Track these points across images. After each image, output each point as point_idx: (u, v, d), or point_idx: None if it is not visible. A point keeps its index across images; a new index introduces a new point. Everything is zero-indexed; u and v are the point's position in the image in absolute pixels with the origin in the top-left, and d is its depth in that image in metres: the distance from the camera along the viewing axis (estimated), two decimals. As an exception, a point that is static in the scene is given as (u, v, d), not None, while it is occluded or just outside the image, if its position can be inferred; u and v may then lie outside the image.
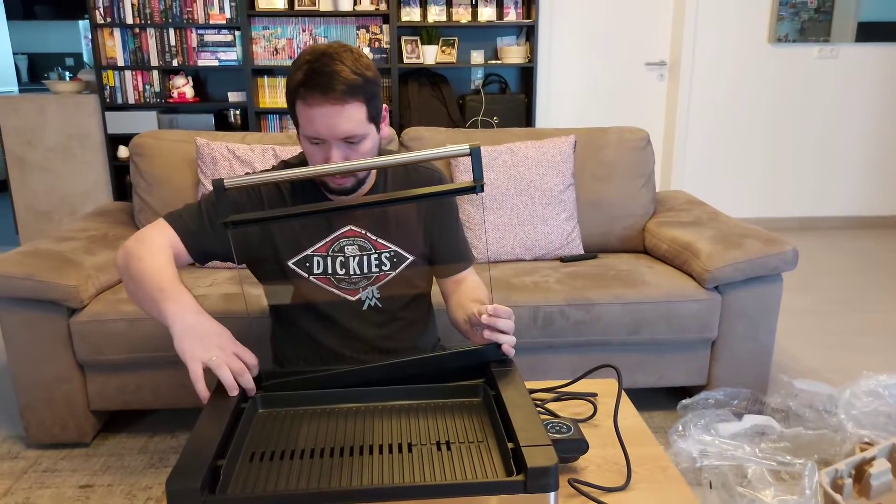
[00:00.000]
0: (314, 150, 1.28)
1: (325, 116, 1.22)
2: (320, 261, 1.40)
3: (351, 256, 1.40)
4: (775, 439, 1.93)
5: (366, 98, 1.24)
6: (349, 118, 1.22)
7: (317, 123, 1.23)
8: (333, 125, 1.22)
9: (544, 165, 2.36)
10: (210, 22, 3.85)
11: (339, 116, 1.22)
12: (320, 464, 1.01)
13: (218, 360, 1.10)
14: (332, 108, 1.21)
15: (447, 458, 1.02)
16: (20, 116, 3.87)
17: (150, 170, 2.34)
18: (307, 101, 1.22)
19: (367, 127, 1.26)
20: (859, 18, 4.33)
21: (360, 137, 1.25)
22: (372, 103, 1.26)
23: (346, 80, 1.20)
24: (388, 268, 1.42)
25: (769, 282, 2.10)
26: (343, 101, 1.21)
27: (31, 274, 1.86)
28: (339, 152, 1.25)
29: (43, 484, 1.91)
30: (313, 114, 1.22)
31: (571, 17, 4.30)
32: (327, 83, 1.20)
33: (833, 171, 4.59)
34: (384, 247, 1.42)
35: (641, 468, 1.10)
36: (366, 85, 1.23)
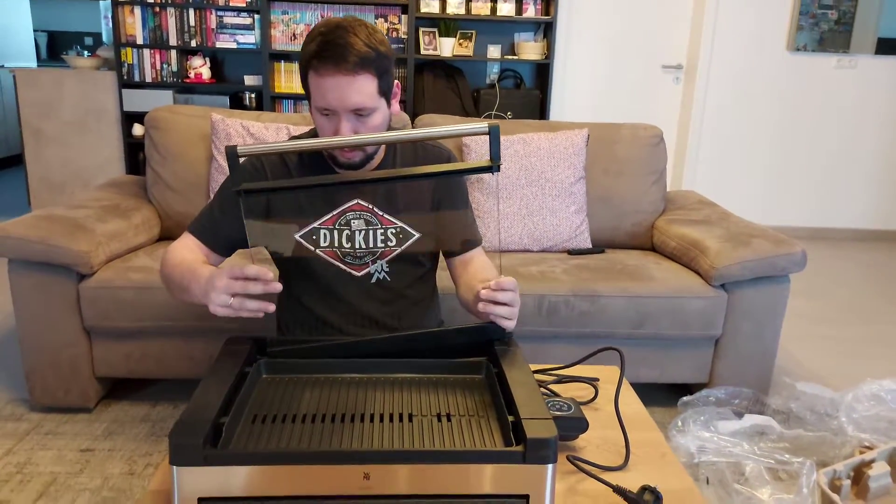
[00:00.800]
0: (324, 121, 1.29)
1: (336, 87, 1.23)
2: (327, 234, 1.41)
3: (357, 230, 1.41)
4: (775, 439, 1.92)
5: (377, 71, 1.24)
6: (360, 90, 1.23)
7: (328, 94, 1.24)
8: (344, 96, 1.23)
9: (556, 157, 2.37)
10: (230, 4, 3.86)
11: (350, 88, 1.23)
12: (321, 428, 1.02)
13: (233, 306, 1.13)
14: (343, 79, 1.22)
15: (447, 429, 1.02)
16: (38, 89, 3.90)
17: (165, 143, 2.36)
18: (319, 71, 1.23)
19: (377, 100, 1.27)
20: (879, 34, 4.30)
21: (370, 110, 1.26)
22: (383, 77, 1.26)
23: (358, 52, 1.21)
24: (393, 244, 1.43)
25: (776, 282, 2.10)
26: (354, 72, 1.22)
27: (43, 237, 1.88)
28: (348, 124, 1.26)
29: (45, 446, 1.93)
30: (325, 84, 1.23)
31: (590, 15, 4.30)
32: (340, 54, 1.21)
33: (846, 182, 4.57)
34: (390, 222, 1.42)
35: (640, 451, 1.10)
36: (378, 58, 1.24)
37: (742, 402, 2.10)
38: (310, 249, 1.41)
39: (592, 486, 1.00)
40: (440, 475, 0.89)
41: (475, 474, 0.90)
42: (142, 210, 2.30)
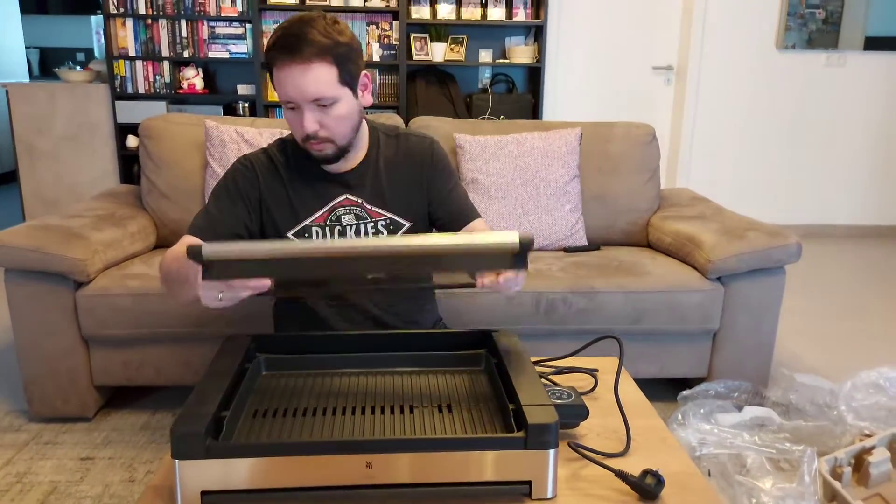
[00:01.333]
0: (291, 115, 1.30)
1: (292, 78, 1.24)
2: (318, 231, 1.41)
3: (348, 225, 1.42)
4: (775, 430, 1.92)
5: (336, 60, 1.25)
6: (316, 79, 1.24)
7: (286, 85, 1.25)
8: (301, 86, 1.24)
9: (550, 156, 2.38)
10: (222, 14, 3.88)
11: (305, 77, 1.23)
12: (322, 421, 1.02)
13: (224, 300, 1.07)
14: (298, 69, 1.23)
15: (448, 419, 1.03)
16: (31, 104, 3.90)
17: (159, 152, 2.36)
18: (277, 63, 1.24)
19: (338, 90, 1.27)
20: (867, 32, 4.34)
21: (330, 100, 1.26)
22: (344, 66, 1.26)
23: (312, 41, 1.22)
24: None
25: (772, 274, 2.11)
26: (309, 61, 1.22)
27: (39, 246, 1.88)
28: (311, 115, 1.27)
29: (44, 455, 1.92)
30: (282, 76, 1.24)
31: (580, 18, 4.33)
32: (294, 45, 1.22)
33: (838, 178, 4.60)
34: (380, 215, 1.43)
35: (641, 437, 1.11)
36: (335, 47, 1.24)
37: (741, 395, 2.11)
38: None
39: (594, 471, 1.00)
40: (443, 463, 0.90)
41: (477, 461, 0.90)
42: (137, 219, 2.30)
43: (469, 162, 2.39)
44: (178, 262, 1.24)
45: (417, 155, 1.46)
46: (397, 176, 1.45)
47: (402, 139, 1.47)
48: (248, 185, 1.39)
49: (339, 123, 1.30)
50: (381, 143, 1.46)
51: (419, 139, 1.49)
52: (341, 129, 1.32)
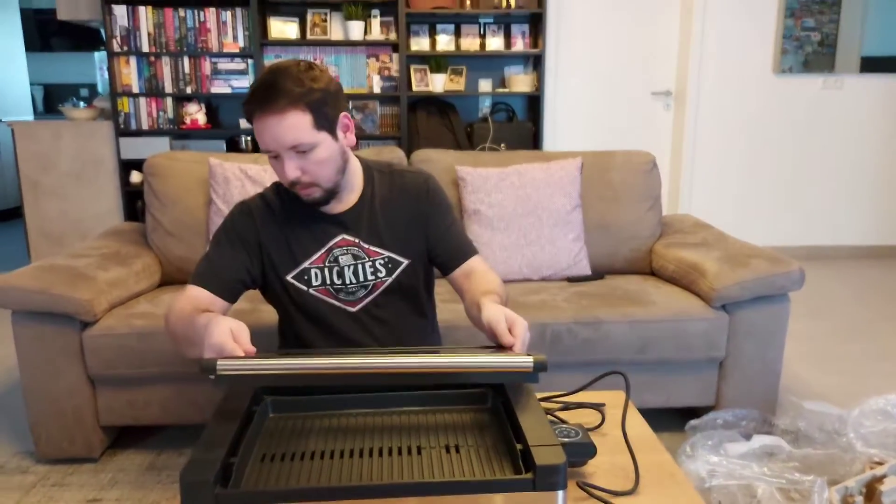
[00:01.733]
0: (274, 163, 1.31)
1: (268, 128, 1.25)
2: (318, 272, 1.42)
3: (346, 266, 1.42)
4: (784, 459, 1.91)
5: (309, 107, 1.26)
6: (291, 127, 1.25)
7: (264, 136, 1.27)
8: (277, 136, 1.25)
9: (552, 186, 2.40)
10: (224, 50, 3.94)
11: (280, 126, 1.25)
12: (330, 465, 1.02)
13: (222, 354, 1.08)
14: (273, 119, 1.24)
15: (455, 460, 1.02)
16: (36, 142, 3.95)
17: (164, 189, 2.38)
18: (254, 116, 1.26)
19: (314, 135, 1.28)
20: (862, 53, 4.39)
21: (308, 146, 1.27)
22: (318, 112, 1.27)
23: (284, 90, 1.24)
24: (383, 274, 1.44)
25: (776, 301, 2.11)
26: (283, 111, 1.24)
27: (45, 288, 1.89)
28: (291, 163, 1.28)
29: (51, 498, 1.91)
30: (259, 127, 1.27)
31: (578, 47, 4.38)
32: (267, 96, 1.24)
33: (839, 200, 4.61)
34: (377, 254, 1.43)
35: (649, 474, 1.10)
36: (308, 94, 1.25)
37: (750, 424, 2.09)
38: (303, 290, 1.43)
39: (604, 512, 0.99)
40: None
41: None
42: (142, 257, 2.31)
43: (471, 194, 2.41)
44: (183, 324, 1.24)
45: (413, 192, 1.46)
46: (394, 214, 1.45)
47: (397, 176, 1.48)
48: (247, 230, 1.40)
49: (320, 168, 1.31)
50: (376, 180, 1.46)
51: (414, 175, 1.49)
52: (324, 173, 1.32)
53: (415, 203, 1.46)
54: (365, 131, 4.18)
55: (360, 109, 4.18)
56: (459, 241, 1.49)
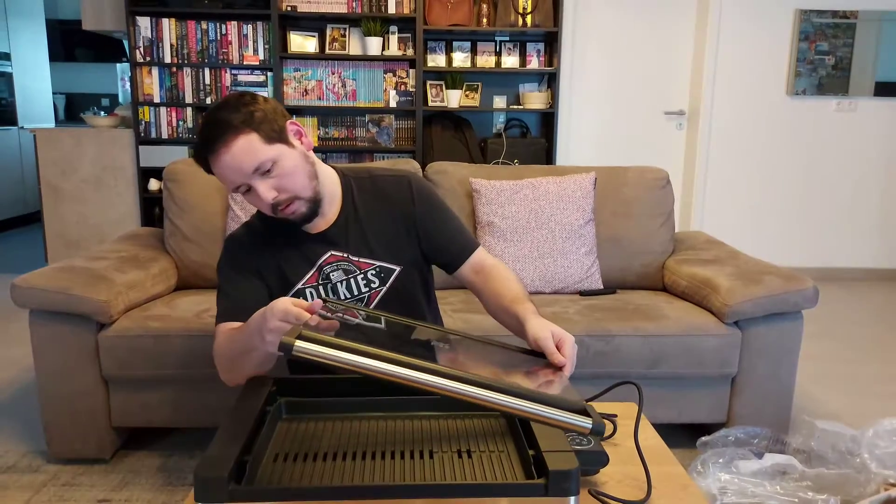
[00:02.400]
0: (249, 197, 1.30)
1: (224, 165, 1.25)
2: (312, 292, 1.41)
3: (338, 282, 1.41)
4: (797, 478, 1.89)
5: (252, 126, 1.25)
6: (244, 151, 1.24)
7: (225, 174, 1.26)
8: (236, 167, 1.25)
9: (565, 200, 2.41)
10: (244, 63, 4.00)
11: (233, 156, 1.24)
12: (343, 466, 1.02)
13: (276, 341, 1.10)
14: (223, 154, 1.24)
15: (468, 464, 1.03)
16: (57, 148, 4.01)
17: (183, 195, 2.42)
18: (209, 161, 1.27)
19: (269, 150, 1.26)
20: (877, 77, 4.39)
21: (269, 162, 1.26)
22: (262, 127, 1.26)
23: (223, 122, 1.24)
24: (377, 284, 1.42)
25: (790, 319, 2.10)
26: (228, 142, 1.23)
27: (64, 288, 1.92)
28: (263, 186, 1.27)
29: (62, 497, 1.92)
30: (217, 168, 1.27)
31: (592, 65, 4.42)
32: (210, 136, 1.25)
33: (853, 222, 4.59)
34: (368, 265, 1.41)
35: (662, 485, 1.10)
36: (248, 116, 1.25)
37: (762, 442, 2.08)
38: None
39: (616, 519, 0.99)
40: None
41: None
42: (159, 261, 2.34)
43: (485, 205, 2.42)
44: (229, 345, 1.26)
45: (396, 196, 1.43)
46: (379, 221, 1.43)
47: (378, 181, 1.45)
48: (246, 259, 1.39)
49: (291, 179, 1.29)
50: (355, 190, 1.43)
51: (395, 179, 1.45)
52: (297, 182, 1.30)
53: (399, 207, 1.43)
54: (381, 144, 4.21)
55: (375, 123, 4.22)
56: (457, 237, 1.45)
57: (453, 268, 1.46)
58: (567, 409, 0.99)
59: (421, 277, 1.49)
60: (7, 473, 2.05)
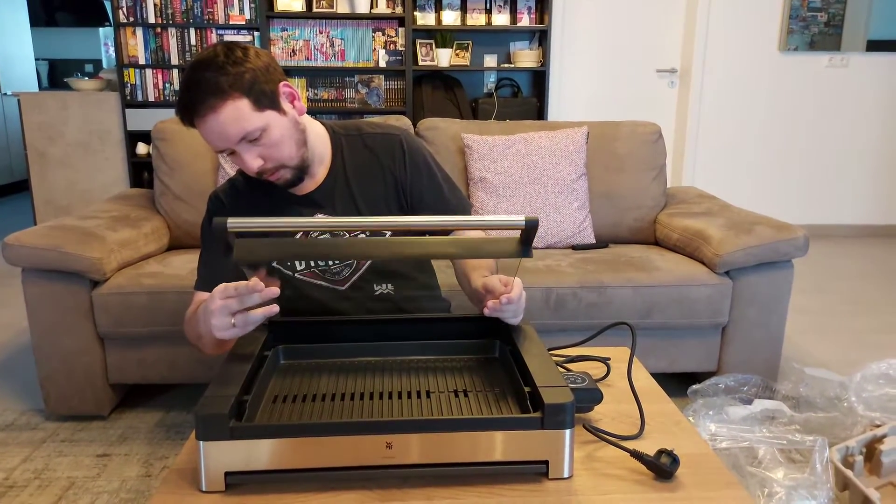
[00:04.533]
0: (234, 159, 1.23)
1: (210, 129, 1.16)
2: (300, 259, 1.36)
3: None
4: (786, 422, 1.93)
5: (241, 91, 1.16)
6: (232, 120, 1.15)
7: (209, 139, 1.19)
8: (222, 134, 1.16)
9: (557, 155, 2.40)
10: (230, 22, 3.93)
11: (220, 123, 1.15)
12: (341, 405, 1.04)
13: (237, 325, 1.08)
14: (210, 120, 1.15)
15: (464, 403, 1.04)
16: (43, 113, 3.95)
17: (172, 154, 2.39)
18: (191, 123, 1.18)
19: (259, 118, 1.18)
20: (869, 36, 4.36)
21: (257, 131, 1.18)
22: (253, 92, 1.17)
23: (210, 84, 1.14)
24: None
25: (780, 268, 2.12)
26: (215, 107, 1.14)
27: (56, 245, 1.91)
28: (248, 154, 1.20)
29: (61, 452, 1.94)
30: (202, 132, 1.18)
31: (584, 23, 4.37)
32: (195, 98, 1.14)
33: (843, 178, 4.61)
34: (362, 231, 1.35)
35: (655, 421, 1.12)
36: (236, 79, 1.15)
37: (751, 389, 2.11)
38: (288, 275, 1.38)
39: (609, 452, 1.01)
40: (461, 443, 0.91)
41: (495, 441, 0.91)
42: (151, 220, 2.33)
43: (477, 161, 2.41)
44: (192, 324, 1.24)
45: (386, 157, 1.37)
46: (368, 181, 1.36)
47: (368, 139, 1.38)
48: None
49: (279, 149, 1.22)
50: (345, 148, 1.37)
51: (385, 137, 1.38)
52: (284, 152, 1.24)
53: (390, 168, 1.36)
54: (370, 105, 4.17)
55: (365, 83, 4.17)
56: (447, 204, 1.40)
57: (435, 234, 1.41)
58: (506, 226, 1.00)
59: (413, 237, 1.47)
60: (6, 431, 2.06)
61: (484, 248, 1.09)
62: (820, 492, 1.58)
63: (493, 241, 1.07)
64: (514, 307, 1.14)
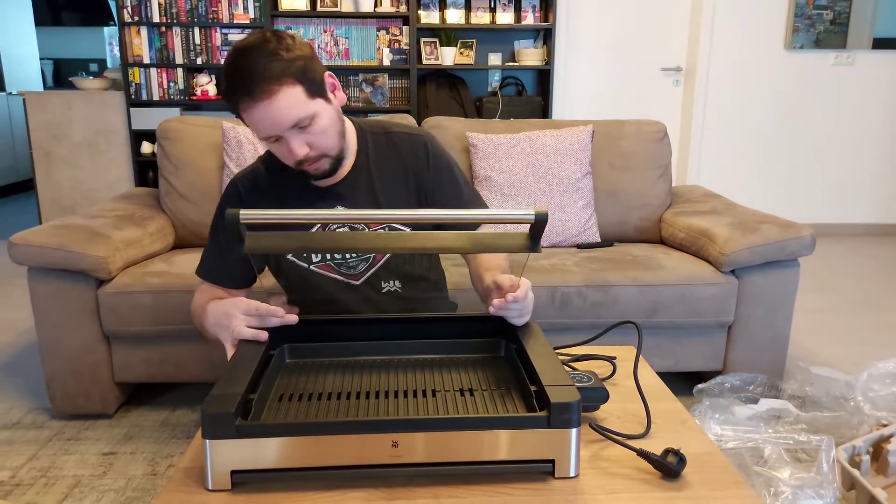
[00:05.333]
0: (276, 147, 1.23)
1: (263, 116, 1.17)
2: None
3: None
4: (792, 422, 1.93)
5: (296, 78, 1.17)
6: (287, 106, 1.16)
7: (260, 124, 1.18)
8: (275, 119, 1.17)
9: (562, 153, 2.40)
10: (234, 21, 3.94)
11: (275, 109, 1.16)
12: (347, 404, 1.03)
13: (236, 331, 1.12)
14: (263, 105, 1.15)
15: (470, 402, 1.04)
16: (48, 112, 3.96)
17: (177, 153, 2.40)
18: (240, 107, 1.18)
19: (310, 105, 1.20)
20: (875, 34, 4.34)
21: (308, 118, 1.19)
22: (305, 79, 1.19)
23: (265, 71, 1.14)
24: None
25: (786, 267, 2.11)
26: (271, 93, 1.15)
27: (62, 244, 1.92)
28: (296, 141, 1.20)
29: (67, 451, 1.95)
30: (252, 117, 1.18)
31: (588, 21, 4.35)
32: (249, 83, 1.15)
33: (849, 177, 4.59)
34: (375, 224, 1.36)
35: (661, 420, 1.12)
36: (289, 66, 1.16)
37: (757, 388, 2.11)
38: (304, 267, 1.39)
39: (616, 451, 1.01)
40: (467, 442, 0.91)
41: (501, 440, 0.91)
42: (156, 219, 2.33)
43: (482, 160, 2.41)
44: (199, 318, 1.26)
45: (410, 156, 1.38)
46: (391, 179, 1.38)
47: (395, 137, 1.39)
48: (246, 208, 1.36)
49: (325, 137, 1.24)
50: (370, 145, 1.38)
51: (412, 137, 1.40)
52: (329, 141, 1.25)
53: (413, 167, 1.38)
54: (375, 104, 4.17)
55: (369, 82, 4.17)
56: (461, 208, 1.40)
57: None
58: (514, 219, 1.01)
59: None
60: (12, 429, 2.07)
61: (490, 242, 1.09)
62: (826, 491, 1.57)
63: (500, 236, 1.07)
64: (520, 306, 1.14)
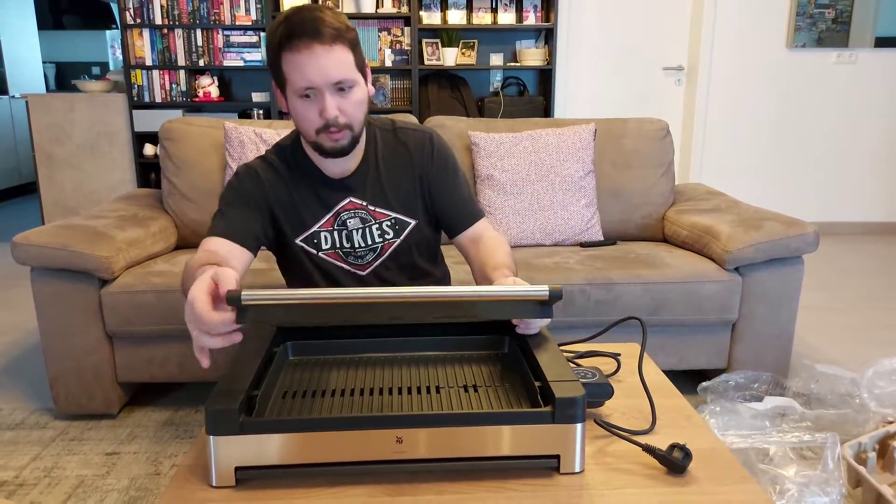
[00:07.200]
0: (306, 106, 1.24)
1: (315, 60, 1.20)
2: (327, 236, 1.40)
3: (354, 229, 1.40)
4: (797, 420, 1.92)
5: (350, 45, 1.24)
6: (340, 61, 1.22)
7: (308, 70, 1.20)
8: (325, 68, 1.20)
9: (564, 152, 2.39)
10: (236, 23, 3.94)
11: (329, 59, 1.21)
12: (351, 401, 1.03)
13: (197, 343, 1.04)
14: (321, 50, 1.20)
15: (475, 398, 1.04)
16: (50, 114, 3.97)
17: (180, 154, 2.40)
18: (295, 49, 1.20)
19: (356, 74, 1.25)
20: (877, 33, 4.33)
21: (351, 82, 1.24)
22: (356, 51, 1.26)
23: (330, 24, 1.21)
24: (391, 236, 1.42)
25: (790, 264, 2.11)
26: (331, 43, 1.21)
27: (65, 244, 1.92)
28: (332, 100, 1.23)
29: (70, 451, 1.95)
30: (303, 61, 1.20)
31: (590, 21, 4.35)
32: (314, 28, 1.20)
33: (851, 176, 4.58)
34: (384, 216, 1.41)
35: (666, 416, 1.11)
36: (347, 32, 1.24)
37: (762, 386, 2.10)
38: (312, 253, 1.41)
39: (621, 447, 1.00)
40: (472, 438, 0.90)
41: (506, 436, 0.91)
42: (159, 220, 2.33)
43: (484, 159, 2.41)
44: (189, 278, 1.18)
45: (416, 150, 1.42)
46: (397, 173, 1.42)
47: (401, 133, 1.43)
48: (256, 192, 1.36)
49: (356, 109, 1.27)
50: (378, 139, 1.42)
51: (417, 133, 1.44)
52: (358, 115, 1.29)
53: (419, 162, 1.42)
54: (376, 105, 4.17)
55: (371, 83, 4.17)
56: (465, 204, 1.45)
57: (453, 233, 1.46)
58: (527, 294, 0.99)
59: (434, 232, 1.49)
60: (16, 430, 2.07)
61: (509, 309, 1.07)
62: (832, 488, 1.56)
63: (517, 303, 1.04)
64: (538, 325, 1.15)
